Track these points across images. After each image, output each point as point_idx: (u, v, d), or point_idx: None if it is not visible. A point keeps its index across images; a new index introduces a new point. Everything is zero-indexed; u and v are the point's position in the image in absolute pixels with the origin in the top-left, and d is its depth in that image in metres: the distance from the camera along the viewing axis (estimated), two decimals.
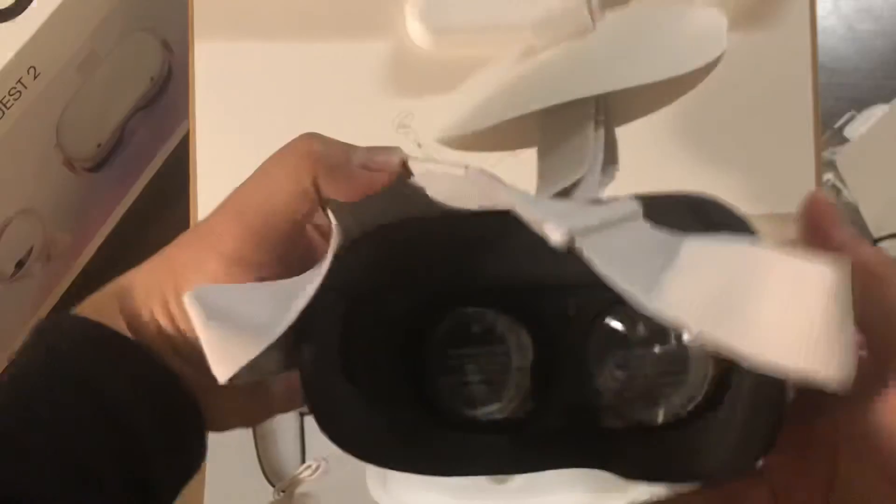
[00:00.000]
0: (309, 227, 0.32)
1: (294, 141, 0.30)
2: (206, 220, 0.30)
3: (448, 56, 0.50)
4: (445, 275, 0.30)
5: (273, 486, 0.51)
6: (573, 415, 0.30)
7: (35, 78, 0.47)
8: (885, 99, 0.64)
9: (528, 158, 0.49)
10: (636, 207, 0.25)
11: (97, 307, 0.30)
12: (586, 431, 0.30)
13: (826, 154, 0.62)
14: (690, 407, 0.29)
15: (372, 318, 0.28)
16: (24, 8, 0.46)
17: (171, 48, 0.59)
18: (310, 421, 0.54)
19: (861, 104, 0.64)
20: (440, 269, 0.29)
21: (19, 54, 0.45)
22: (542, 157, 0.33)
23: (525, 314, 0.30)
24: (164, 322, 0.29)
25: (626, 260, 0.22)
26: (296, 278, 0.28)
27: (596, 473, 0.57)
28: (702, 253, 0.23)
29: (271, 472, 0.52)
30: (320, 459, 0.50)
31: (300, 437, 0.53)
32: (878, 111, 0.63)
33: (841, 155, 0.62)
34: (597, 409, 0.30)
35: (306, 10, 0.50)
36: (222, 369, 0.24)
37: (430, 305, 0.30)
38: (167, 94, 0.60)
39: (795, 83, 0.50)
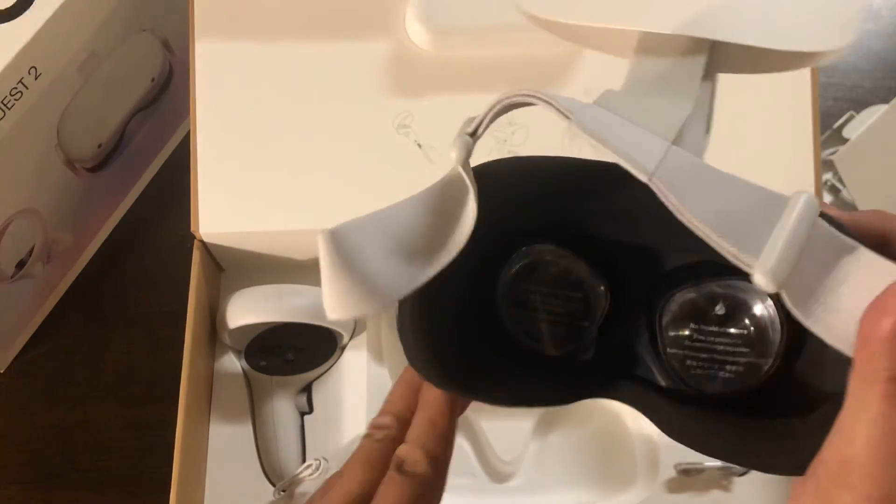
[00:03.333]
0: None
1: None
2: None
3: (448, 56, 0.51)
4: (541, 215, 0.30)
5: (273, 485, 0.51)
6: (627, 365, 0.31)
7: (36, 78, 0.48)
8: (884, 99, 0.64)
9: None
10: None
11: None
12: (635, 383, 0.31)
13: (825, 154, 0.62)
14: (740, 388, 0.30)
15: (463, 256, 0.28)
16: (25, 8, 0.46)
17: (171, 48, 0.59)
18: (310, 420, 0.54)
19: (860, 104, 0.65)
20: (539, 208, 0.30)
21: (20, 55, 0.45)
22: (634, 82, 0.32)
23: (610, 269, 0.31)
24: None
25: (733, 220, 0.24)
26: (427, 238, 0.28)
27: (597, 473, 0.57)
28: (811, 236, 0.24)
29: (271, 471, 0.52)
30: (320, 459, 0.50)
31: (300, 437, 0.53)
32: (876, 111, 0.63)
33: (840, 155, 0.62)
34: (653, 370, 0.31)
35: (306, 10, 0.50)
36: (336, 312, 0.26)
37: (517, 242, 0.31)
38: (168, 95, 0.60)
39: (795, 83, 0.50)
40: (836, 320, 0.24)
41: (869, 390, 0.24)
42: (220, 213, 0.50)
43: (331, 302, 0.26)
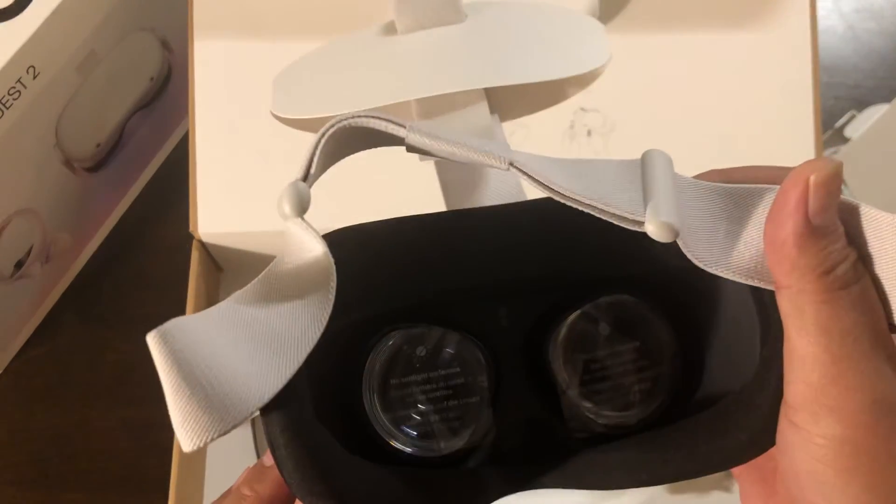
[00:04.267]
0: None
1: None
2: None
3: None
4: (380, 292, 0.26)
5: None
6: (537, 433, 0.27)
7: (34, 78, 0.47)
8: (886, 98, 0.64)
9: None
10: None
11: None
12: (554, 450, 0.27)
13: (827, 154, 0.62)
14: (659, 405, 0.28)
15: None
16: (24, 7, 0.46)
17: (170, 48, 0.58)
18: None
19: (861, 104, 0.64)
20: (372, 285, 0.26)
21: (18, 54, 0.45)
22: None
23: (473, 327, 0.27)
24: None
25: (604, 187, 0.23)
26: (279, 322, 0.24)
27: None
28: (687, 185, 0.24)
29: None
30: None
31: None
32: (878, 111, 0.63)
33: (842, 155, 0.62)
34: (562, 422, 0.28)
35: (306, 9, 0.50)
36: (190, 442, 0.21)
37: (365, 331, 0.27)
38: (167, 94, 0.60)
39: (795, 83, 0.50)
40: (738, 256, 0.23)
41: (805, 298, 0.22)
42: (220, 213, 0.50)
43: (184, 430, 0.21)
